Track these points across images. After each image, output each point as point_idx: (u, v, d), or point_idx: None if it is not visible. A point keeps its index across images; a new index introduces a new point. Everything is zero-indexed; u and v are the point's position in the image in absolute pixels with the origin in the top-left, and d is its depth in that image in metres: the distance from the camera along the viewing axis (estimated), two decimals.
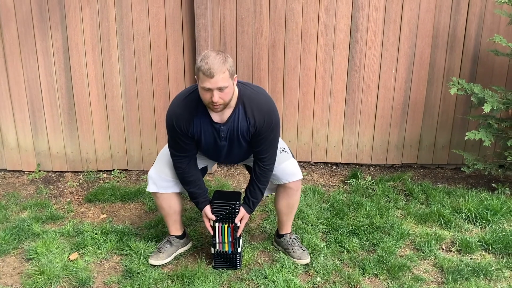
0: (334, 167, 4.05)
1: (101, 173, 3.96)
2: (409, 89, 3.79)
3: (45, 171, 3.98)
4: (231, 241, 2.57)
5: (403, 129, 3.89)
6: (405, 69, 3.74)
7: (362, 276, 2.56)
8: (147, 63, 3.71)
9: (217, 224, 2.56)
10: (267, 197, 3.31)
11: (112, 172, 3.95)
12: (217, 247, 2.59)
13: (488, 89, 3.37)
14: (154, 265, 2.66)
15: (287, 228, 2.78)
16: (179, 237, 2.77)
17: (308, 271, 2.62)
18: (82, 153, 3.92)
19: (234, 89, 2.33)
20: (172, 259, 2.73)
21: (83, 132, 3.86)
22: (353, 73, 3.76)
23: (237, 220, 2.55)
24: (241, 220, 2.57)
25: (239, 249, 2.60)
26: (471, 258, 2.74)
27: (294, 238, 2.77)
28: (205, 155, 2.66)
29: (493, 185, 3.50)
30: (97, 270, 2.66)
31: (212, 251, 2.62)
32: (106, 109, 3.81)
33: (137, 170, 3.99)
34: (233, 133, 2.42)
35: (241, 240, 2.64)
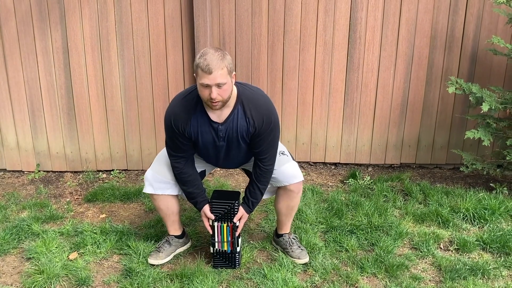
0: (333, 167, 4.06)
1: (100, 173, 3.97)
2: (407, 89, 3.80)
3: (44, 171, 3.99)
4: (230, 240, 2.58)
5: (401, 129, 3.90)
6: (403, 69, 3.75)
7: (360, 275, 2.57)
8: (146, 63, 3.72)
9: (216, 224, 2.57)
10: (266, 198, 3.32)
11: (112, 172, 3.96)
12: (216, 246, 2.60)
13: (486, 89, 3.39)
14: (154, 264, 2.67)
15: (286, 228, 2.79)
16: (178, 237, 2.78)
17: (306, 270, 2.63)
18: (81, 153, 3.93)
19: (232, 87, 2.34)
20: (172, 259, 2.74)
21: (82, 132, 3.87)
22: (351, 73, 3.78)
23: (236, 220, 2.56)
24: (240, 220, 2.58)
25: (238, 248, 2.61)
26: (469, 257, 2.75)
27: (292, 238, 2.78)
28: (203, 157, 2.66)
29: (491, 184, 3.52)
30: (97, 269, 2.67)
31: (211, 250, 2.62)
32: (105, 109, 3.82)
33: (136, 170, 4.00)
34: (232, 133, 2.42)
35: (240, 239, 2.65)
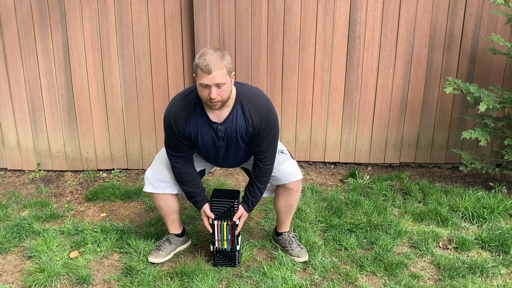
0: (333, 166, 4.07)
1: (101, 172, 3.98)
2: (407, 88, 3.81)
3: (45, 170, 4.00)
4: (230, 238, 2.59)
5: (401, 129, 3.91)
6: (403, 68, 3.77)
7: (359, 273, 2.59)
8: (146, 63, 3.73)
9: (216, 222, 2.59)
10: (266, 197, 3.33)
11: (112, 171, 3.97)
12: (216, 245, 2.61)
13: (484, 88, 3.40)
14: (154, 263, 2.68)
15: (285, 226, 2.81)
16: (178, 235, 2.79)
17: (306, 269, 2.64)
18: (82, 153, 3.94)
19: (231, 87, 2.35)
20: (172, 257, 2.75)
21: (83, 131, 3.88)
22: (351, 72, 3.79)
23: (236, 218, 2.57)
24: (239, 219, 2.59)
25: (237, 247, 2.62)
26: (467, 255, 2.76)
27: (292, 236, 2.79)
28: (202, 157, 2.67)
29: (490, 183, 3.53)
30: (97, 267, 2.68)
31: (211, 248, 2.64)
32: (106, 108, 3.83)
33: (136, 169, 4.01)
34: (231, 133, 2.43)
35: (239, 238, 2.66)
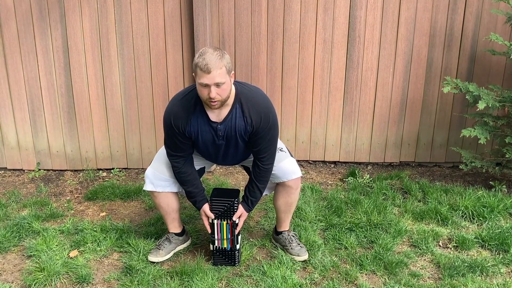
0: (332, 165, 4.07)
1: (100, 171, 3.98)
2: (406, 87, 3.81)
3: (45, 169, 4.00)
4: (229, 238, 2.59)
5: (401, 128, 3.91)
6: (402, 67, 3.76)
7: (359, 272, 2.59)
8: (146, 62, 3.73)
9: (216, 221, 2.58)
10: (265, 195, 3.33)
11: (112, 170, 3.97)
12: (216, 244, 2.61)
13: (484, 87, 3.40)
14: (154, 262, 2.68)
15: (285, 225, 2.81)
16: (178, 235, 2.79)
17: (306, 268, 2.64)
18: (81, 152, 3.94)
19: (231, 86, 2.35)
20: (172, 256, 2.75)
21: (82, 131, 3.88)
22: (351, 71, 3.78)
23: (236, 218, 2.57)
24: (239, 218, 2.59)
25: (237, 246, 2.62)
26: (467, 254, 2.76)
27: (292, 235, 2.79)
28: (202, 155, 2.67)
29: (490, 182, 3.53)
30: (97, 267, 2.68)
31: (211, 248, 2.64)
32: (105, 108, 3.83)
33: (136, 169, 4.01)
34: (230, 132, 2.43)
35: (239, 237, 2.66)
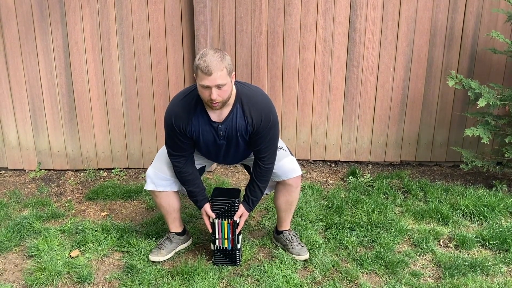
0: (333, 165, 4.07)
1: (101, 171, 3.98)
2: (407, 86, 3.81)
3: (46, 169, 4.00)
4: (230, 237, 2.59)
5: (401, 127, 3.91)
6: (403, 67, 3.76)
7: (360, 271, 2.59)
8: (147, 62, 3.73)
9: (216, 221, 2.59)
10: (266, 194, 3.33)
11: (113, 170, 3.98)
12: (217, 244, 2.61)
13: (485, 85, 3.39)
14: (155, 261, 2.68)
15: (286, 224, 2.81)
16: (179, 234, 2.80)
17: (307, 267, 2.64)
18: (82, 152, 3.95)
19: (232, 87, 2.35)
20: (172, 256, 2.75)
21: (83, 130, 3.88)
22: (351, 71, 3.78)
23: (236, 217, 2.57)
24: (240, 217, 2.59)
25: (238, 246, 2.62)
26: (468, 253, 2.76)
27: (293, 235, 2.79)
28: (203, 155, 2.68)
29: (491, 182, 3.53)
30: (98, 266, 2.68)
31: (212, 247, 2.64)
32: (106, 107, 3.83)
33: (137, 168, 4.02)
34: (231, 131, 2.44)
35: (240, 236, 2.66)
